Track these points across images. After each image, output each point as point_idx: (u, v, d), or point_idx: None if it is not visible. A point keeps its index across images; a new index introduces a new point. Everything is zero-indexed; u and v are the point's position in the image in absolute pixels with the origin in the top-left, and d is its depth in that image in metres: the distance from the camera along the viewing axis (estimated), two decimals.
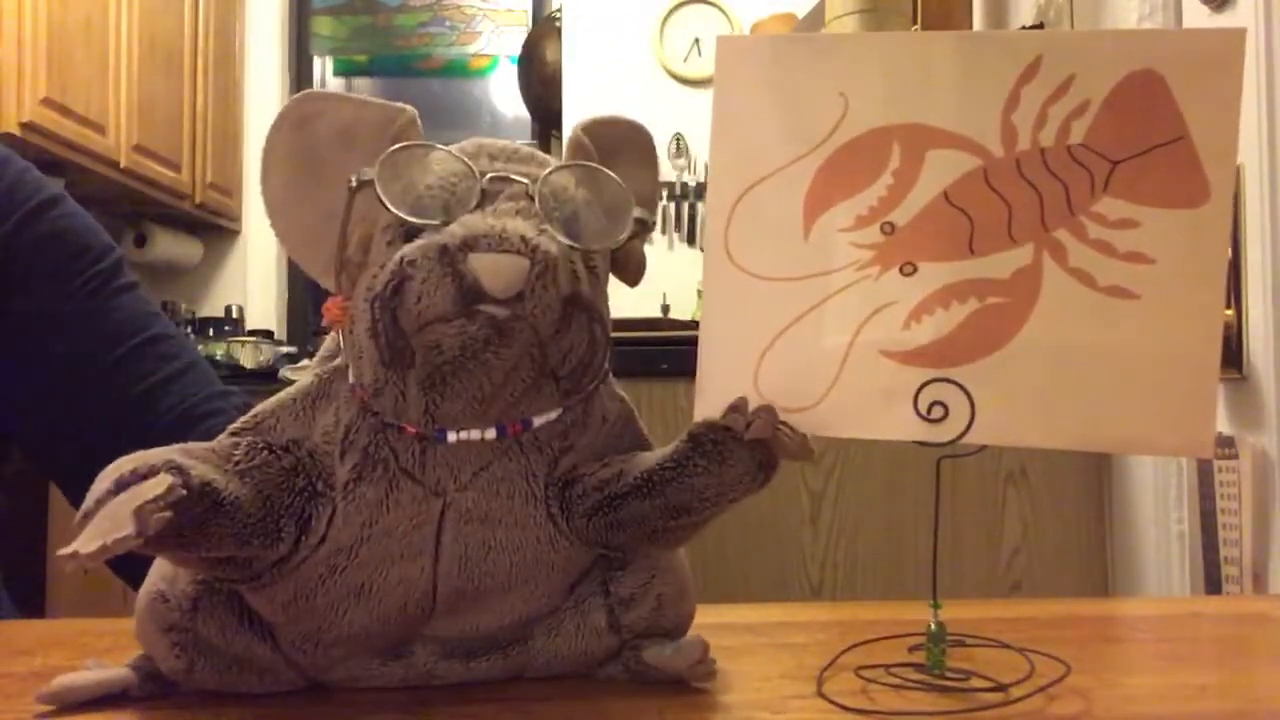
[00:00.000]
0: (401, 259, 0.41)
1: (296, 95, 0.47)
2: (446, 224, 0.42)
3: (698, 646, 0.49)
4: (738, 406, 0.47)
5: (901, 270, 0.48)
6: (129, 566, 0.49)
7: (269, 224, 0.47)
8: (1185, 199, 0.46)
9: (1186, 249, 0.46)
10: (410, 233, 0.43)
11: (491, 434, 0.45)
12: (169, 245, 3.43)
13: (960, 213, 0.48)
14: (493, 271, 0.40)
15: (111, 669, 0.47)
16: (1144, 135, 0.46)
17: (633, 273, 0.51)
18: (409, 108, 0.47)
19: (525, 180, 0.44)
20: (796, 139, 0.49)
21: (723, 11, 3.38)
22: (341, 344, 0.47)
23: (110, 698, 0.47)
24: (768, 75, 0.50)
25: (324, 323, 0.47)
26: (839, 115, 0.49)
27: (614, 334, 0.48)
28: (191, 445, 0.46)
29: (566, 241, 0.43)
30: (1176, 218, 0.46)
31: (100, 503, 0.40)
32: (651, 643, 0.50)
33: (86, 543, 0.37)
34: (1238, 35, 0.46)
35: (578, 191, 0.47)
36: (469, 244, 0.40)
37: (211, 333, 3.53)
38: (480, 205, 0.43)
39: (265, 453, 0.45)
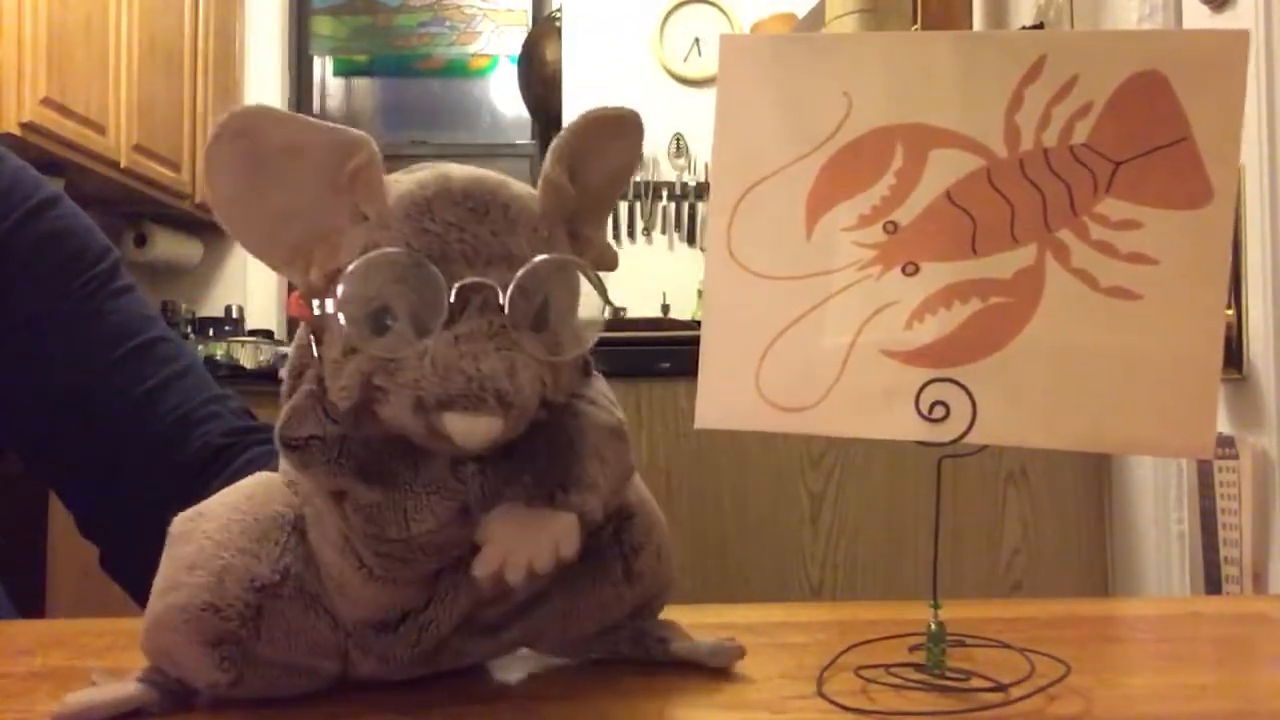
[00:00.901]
0: (370, 380, 0.41)
1: (233, 109, 0.44)
2: (428, 332, 0.41)
3: (735, 652, 0.52)
4: None
5: (904, 270, 0.48)
6: (131, 574, 0.48)
7: (222, 225, 0.46)
8: (1188, 200, 0.46)
9: (1189, 250, 0.46)
10: (385, 318, 0.42)
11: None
12: (169, 245, 3.43)
13: (963, 213, 0.48)
14: (467, 434, 0.40)
15: (123, 684, 0.46)
16: (1147, 136, 0.47)
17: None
18: (368, 140, 0.44)
19: (495, 285, 0.42)
20: (799, 138, 0.49)
21: (723, 11, 3.38)
22: (314, 349, 0.45)
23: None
24: (771, 74, 0.50)
25: (289, 311, 0.47)
26: (842, 115, 0.49)
27: (614, 334, 0.48)
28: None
29: (537, 355, 0.42)
30: (1179, 219, 0.46)
31: None
32: (678, 639, 0.52)
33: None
34: (1241, 37, 0.46)
35: (549, 282, 0.44)
36: (444, 403, 0.40)
37: (211, 333, 3.53)
38: (450, 320, 0.41)
39: None
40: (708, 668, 0.52)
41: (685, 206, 3.38)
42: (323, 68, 4.13)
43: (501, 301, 0.42)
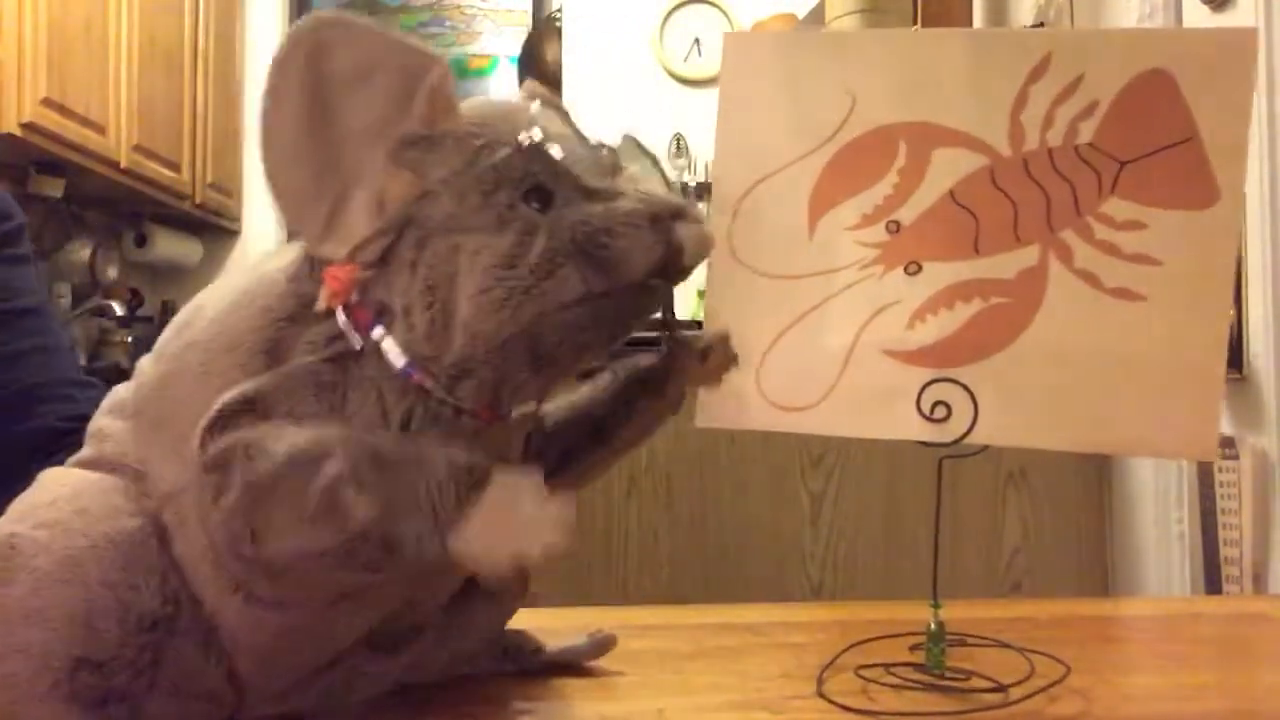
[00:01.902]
0: (609, 219, 0.40)
1: (312, 17, 0.40)
2: (597, 191, 0.41)
3: (609, 642, 0.52)
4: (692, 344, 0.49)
5: (906, 269, 0.48)
6: None
7: (265, 175, 0.40)
8: (1193, 200, 0.46)
9: (1194, 251, 0.46)
10: (541, 196, 0.40)
11: (533, 405, 0.45)
12: (169, 245, 3.43)
13: (966, 212, 0.48)
14: (699, 241, 0.41)
15: None
16: (1153, 136, 0.46)
17: None
18: (441, 57, 0.42)
19: (610, 147, 0.44)
20: (802, 136, 0.49)
21: (723, 12, 3.38)
22: (361, 326, 0.40)
23: None
24: (774, 72, 0.50)
25: (325, 300, 0.40)
26: (845, 113, 0.49)
27: None
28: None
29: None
30: (1184, 219, 0.46)
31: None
32: (547, 644, 0.52)
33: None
34: (1249, 35, 0.46)
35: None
36: (677, 213, 0.41)
37: None
38: (614, 172, 0.43)
39: None
40: (587, 665, 0.52)
41: None
42: None
43: (620, 162, 0.43)
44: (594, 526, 1.52)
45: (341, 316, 0.40)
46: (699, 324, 0.51)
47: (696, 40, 3.43)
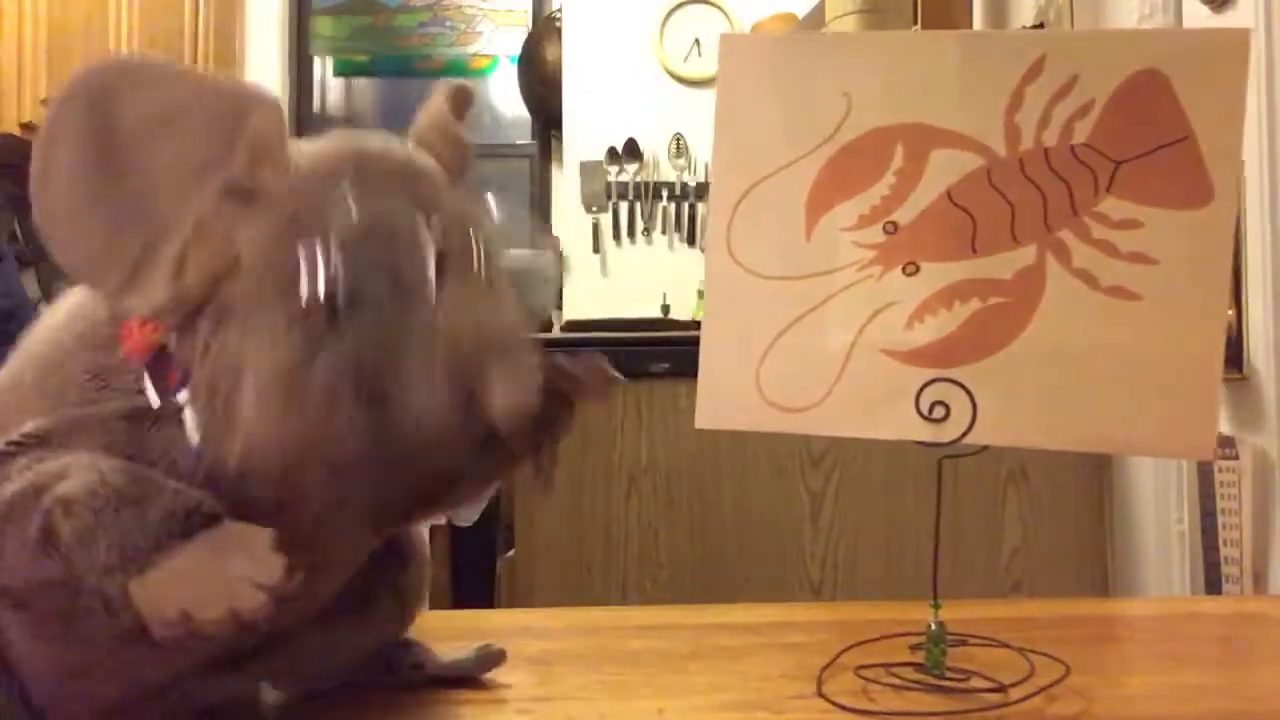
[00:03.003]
0: (391, 369, 0.35)
1: (97, 63, 0.36)
2: (398, 316, 0.35)
3: (498, 657, 0.50)
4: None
5: (904, 270, 0.48)
6: None
7: (41, 227, 0.36)
8: (1189, 200, 0.46)
9: (1190, 250, 0.46)
10: (346, 295, 0.35)
11: None
12: None
13: (963, 212, 0.48)
14: (509, 400, 0.35)
15: None
16: (1148, 135, 0.47)
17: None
18: (270, 98, 0.37)
19: (470, 235, 0.38)
20: (799, 138, 0.49)
21: (723, 12, 3.38)
22: (156, 393, 0.37)
23: None
24: (771, 74, 0.50)
25: (123, 354, 0.37)
26: (842, 114, 0.49)
27: (615, 334, 0.47)
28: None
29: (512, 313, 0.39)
30: (1180, 218, 0.46)
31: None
32: (432, 657, 0.50)
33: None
34: (1242, 35, 0.46)
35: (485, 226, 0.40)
36: (481, 363, 0.35)
37: None
38: (439, 271, 0.36)
39: None
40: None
41: (685, 206, 3.38)
42: (323, 68, 4.12)
43: (476, 265, 0.37)
44: (594, 526, 1.52)
45: (145, 376, 0.37)
46: (698, 324, 0.51)
47: (696, 40, 3.43)
